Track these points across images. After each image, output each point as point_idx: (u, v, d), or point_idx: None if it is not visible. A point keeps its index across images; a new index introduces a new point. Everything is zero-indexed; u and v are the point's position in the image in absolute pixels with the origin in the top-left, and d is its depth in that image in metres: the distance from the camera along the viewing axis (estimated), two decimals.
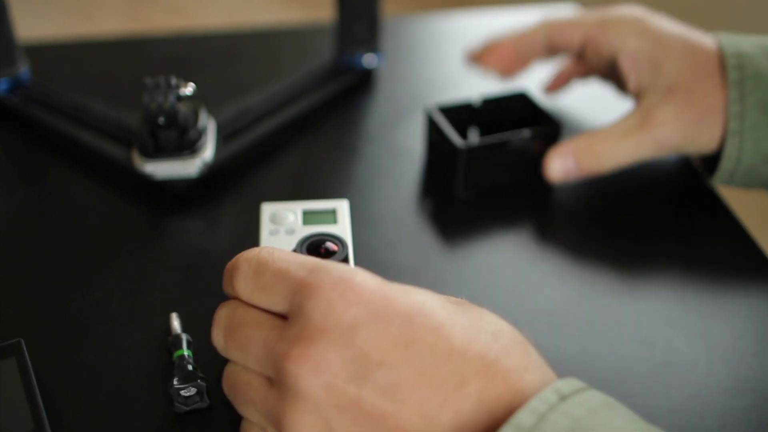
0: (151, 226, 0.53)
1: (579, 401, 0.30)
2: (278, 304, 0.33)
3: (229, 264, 0.36)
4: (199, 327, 0.43)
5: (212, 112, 0.57)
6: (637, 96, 0.53)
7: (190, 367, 0.39)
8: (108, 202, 0.54)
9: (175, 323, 0.43)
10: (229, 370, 0.35)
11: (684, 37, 0.52)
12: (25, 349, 0.40)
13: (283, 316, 0.33)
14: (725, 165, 0.50)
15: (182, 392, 0.38)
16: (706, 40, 0.52)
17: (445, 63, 0.72)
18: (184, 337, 0.41)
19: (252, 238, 0.44)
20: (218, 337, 0.35)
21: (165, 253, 0.50)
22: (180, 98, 0.51)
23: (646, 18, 0.54)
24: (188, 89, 0.51)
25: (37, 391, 0.38)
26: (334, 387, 0.30)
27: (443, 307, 0.33)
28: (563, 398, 0.30)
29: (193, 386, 0.38)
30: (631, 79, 0.53)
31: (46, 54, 0.71)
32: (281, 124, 0.60)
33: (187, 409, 0.39)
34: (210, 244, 0.51)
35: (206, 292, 0.46)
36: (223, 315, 0.35)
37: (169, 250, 0.51)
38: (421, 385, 0.30)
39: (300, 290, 0.32)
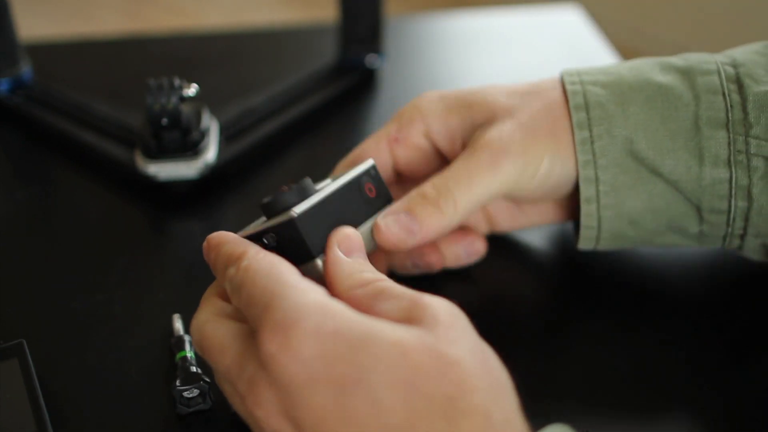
0: (154, 227, 0.53)
1: None
2: (249, 321, 0.33)
3: (215, 261, 0.36)
4: None
5: (215, 112, 0.57)
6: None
7: (192, 369, 0.39)
8: (110, 203, 0.54)
9: (178, 324, 0.43)
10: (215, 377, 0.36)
11: (503, 85, 0.44)
12: (27, 350, 0.40)
13: None
14: (585, 233, 0.43)
15: (185, 394, 0.38)
16: (539, 86, 0.44)
17: (447, 63, 0.71)
18: (186, 338, 0.41)
19: None
20: (196, 348, 0.36)
21: (167, 255, 0.50)
22: (183, 99, 0.51)
23: (441, 91, 0.45)
24: (191, 90, 0.51)
25: (40, 393, 0.38)
26: None
27: (390, 370, 0.29)
28: None
29: (195, 388, 0.38)
30: (448, 140, 0.44)
31: (47, 54, 0.71)
32: (284, 125, 0.60)
33: (190, 410, 0.39)
34: None
35: None
36: (194, 329, 0.35)
37: (171, 251, 0.51)
38: None
39: (256, 323, 0.32)
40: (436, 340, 0.30)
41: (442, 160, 0.45)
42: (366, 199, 0.40)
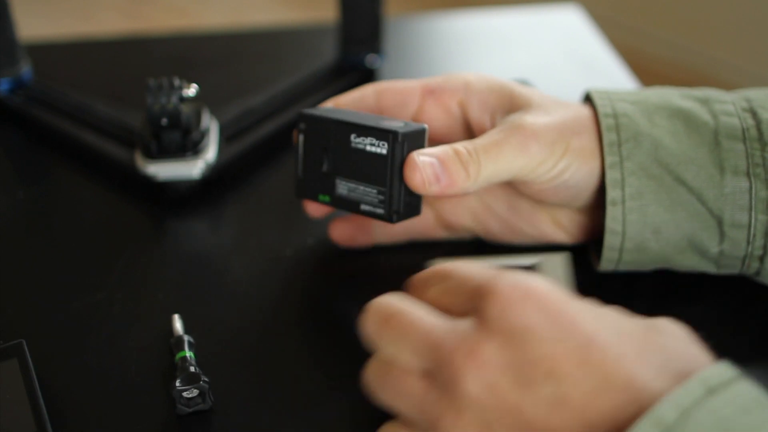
0: (154, 228, 0.53)
1: (729, 397, 0.27)
2: (459, 306, 0.33)
3: (418, 276, 0.37)
4: (202, 328, 0.43)
5: (215, 112, 0.57)
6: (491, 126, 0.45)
7: (192, 369, 0.39)
8: (110, 203, 0.54)
9: (177, 325, 0.43)
10: (376, 362, 0.34)
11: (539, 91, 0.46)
12: (27, 350, 0.40)
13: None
14: (609, 240, 0.43)
15: (184, 394, 0.38)
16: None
17: (447, 63, 0.71)
18: (186, 338, 0.41)
19: (254, 240, 0.44)
20: (371, 323, 0.34)
21: (167, 255, 0.50)
22: (183, 99, 0.51)
23: (485, 74, 0.47)
24: (191, 90, 0.51)
25: (39, 393, 0.38)
26: (496, 388, 0.30)
27: (615, 334, 0.30)
28: (711, 391, 0.27)
29: (195, 388, 0.38)
30: (480, 115, 0.45)
31: (47, 54, 0.71)
32: (284, 125, 0.60)
33: (190, 410, 0.39)
34: (212, 245, 0.51)
35: (208, 294, 0.46)
36: (383, 303, 0.34)
37: (171, 251, 0.51)
38: (589, 410, 0.29)
39: (479, 291, 0.32)
40: (648, 329, 0.31)
41: (462, 134, 0.46)
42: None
